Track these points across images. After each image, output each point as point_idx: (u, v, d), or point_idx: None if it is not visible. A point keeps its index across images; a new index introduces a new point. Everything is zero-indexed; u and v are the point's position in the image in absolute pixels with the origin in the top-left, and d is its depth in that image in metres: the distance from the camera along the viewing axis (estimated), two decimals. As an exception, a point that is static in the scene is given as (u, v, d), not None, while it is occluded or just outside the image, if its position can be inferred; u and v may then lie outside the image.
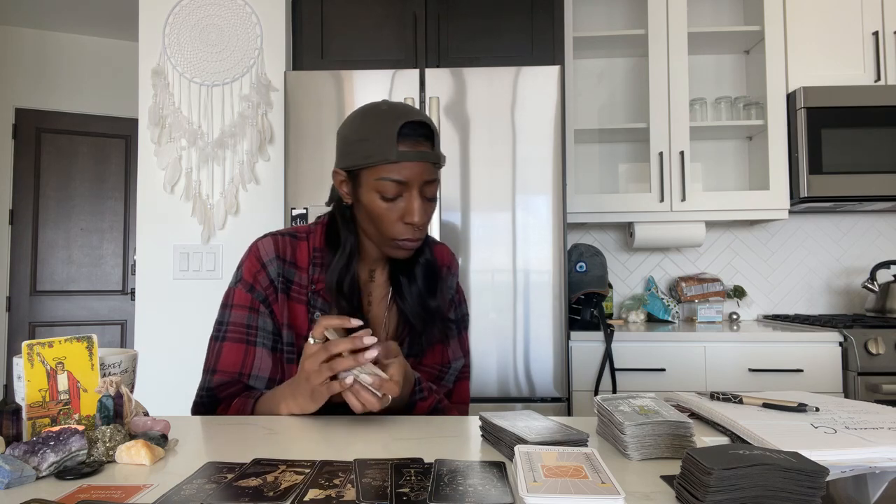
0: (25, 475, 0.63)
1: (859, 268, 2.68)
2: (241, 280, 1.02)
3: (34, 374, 0.75)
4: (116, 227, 3.89)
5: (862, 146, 2.27)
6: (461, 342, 1.15)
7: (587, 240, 2.74)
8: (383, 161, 0.91)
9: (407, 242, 0.96)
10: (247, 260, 1.03)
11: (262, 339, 1.00)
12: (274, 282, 1.02)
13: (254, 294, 1.01)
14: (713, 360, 2.08)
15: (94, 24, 3.70)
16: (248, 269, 1.02)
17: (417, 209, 0.93)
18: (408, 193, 0.93)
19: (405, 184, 0.92)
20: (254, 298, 1.01)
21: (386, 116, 0.93)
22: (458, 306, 1.16)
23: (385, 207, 0.94)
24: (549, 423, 0.77)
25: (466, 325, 1.18)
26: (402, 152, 0.91)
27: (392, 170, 0.91)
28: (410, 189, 0.93)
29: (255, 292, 1.01)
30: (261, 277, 1.01)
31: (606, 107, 2.74)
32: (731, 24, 2.72)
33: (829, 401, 0.84)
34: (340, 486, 0.60)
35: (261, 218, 2.26)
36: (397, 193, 0.93)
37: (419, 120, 0.93)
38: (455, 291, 1.16)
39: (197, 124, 2.25)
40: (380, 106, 0.95)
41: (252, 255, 1.03)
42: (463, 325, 1.16)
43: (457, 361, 1.12)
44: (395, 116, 0.92)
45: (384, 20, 2.21)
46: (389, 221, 0.95)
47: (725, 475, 0.52)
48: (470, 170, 1.98)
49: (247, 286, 1.01)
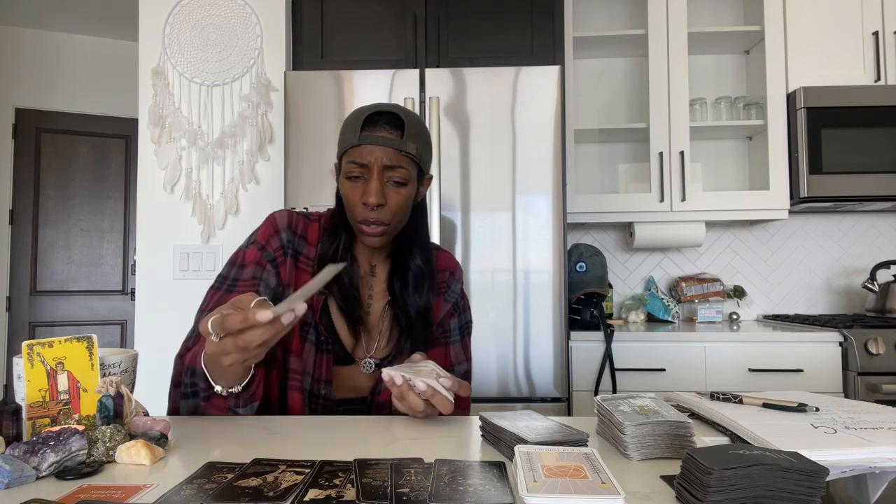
0: (25, 475, 0.63)
1: (859, 268, 2.68)
2: (254, 242, 1.06)
3: (34, 374, 0.75)
4: (116, 227, 3.89)
5: (862, 146, 2.27)
6: (464, 347, 1.16)
7: (587, 240, 2.74)
8: (349, 145, 0.99)
9: (365, 226, 1.00)
10: (263, 227, 1.08)
11: (264, 292, 1.02)
12: (284, 247, 1.06)
13: (263, 253, 1.05)
14: (713, 360, 2.08)
15: (94, 24, 3.70)
16: (262, 234, 1.07)
17: (373, 189, 0.97)
18: (368, 174, 0.98)
19: (365, 166, 0.98)
20: (262, 257, 1.04)
21: (362, 110, 1.00)
22: (463, 312, 1.17)
23: (350, 187, 1.00)
24: (549, 423, 0.77)
25: (469, 332, 1.19)
26: (364, 136, 0.97)
27: (355, 153, 0.98)
28: (370, 171, 0.98)
29: (264, 252, 1.05)
30: (273, 241, 1.06)
31: (606, 107, 2.74)
32: (731, 24, 2.72)
33: (829, 401, 0.84)
34: (340, 486, 0.60)
35: (261, 218, 2.26)
36: (360, 174, 0.99)
37: (387, 111, 0.99)
38: (459, 297, 1.17)
39: (197, 124, 2.25)
40: (366, 105, 1.03)
41: (268, 222, 1.08)
42: (466, 330, 1.18)
43: (459, 365, 1.14)
44: (368, 108, 1.00)
45: (384, 20, 2.21)
46: (353, 203, 1.00)
47: (725, 475, 0.52)
48: (470, 170, 1.98)
49: (258, 246, 1.05)
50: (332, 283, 1.03)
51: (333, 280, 1.02)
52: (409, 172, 1.00)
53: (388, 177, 0.99)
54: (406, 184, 1.00)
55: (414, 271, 1.07)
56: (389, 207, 0.99)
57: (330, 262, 1.03)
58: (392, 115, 0.99)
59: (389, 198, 0.99)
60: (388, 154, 0.97)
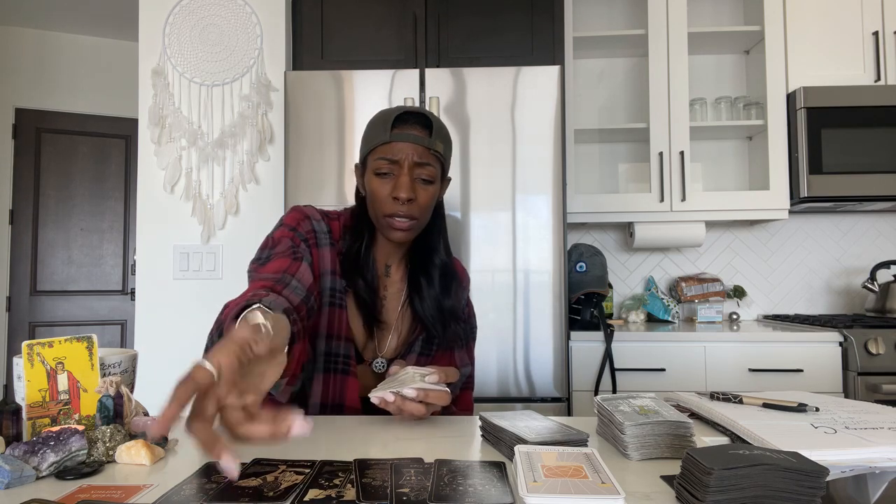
0: (25, 475, 0.63)
1: (859, 268, 2.68)
2: (283, 224, 1.05)
3: (34, 374, 0.75)
4: (116, 227, 3.89)
5: (862, 146, 2.27)
6: (468, 351, 1.18)
7: (587, 240, 2.74)
8: (379, 143, 1.01)
9: (395, 220, 1.00)
10: (289, 214, 1.07)
11: (306, 259, 0.99)
12: (316, 231, 1.06)
13: (295, 233, 1.03)
14: (713, 360, 2.08)
15: (94, 24, 3.70)
16: (291, 218, 1.06)
17: (404, 184, 0.99)
18: (399, 170, 1.00)
19: (396, 162, 1.00)
20: (295, 236, 1.03)
21: (389, 111, 1.03)
22: (468, 320, 1.19)
23: (379, 183, 1.01)
24: (549, 423, 0.77)
25: (475, 337, 1.21)
26: (395, 134, 1.00)
27: (385, 150, 1.00)
28: (401, 167, 1.00)
29: (297, 232, 1.03)
30: (304, 224, 1.05)
31: (606, 107, 2.74)
32: (731, 24, 2.71)
33: (829, 401, 0.84)
34: (340, 486, 0.60)
35: (261, 218, 2.26)
36: (389, 171, 1.01)
37: (416, 111, 1.03)
38: (466, 305, 1.18)
39: (197, 124, 2.25)
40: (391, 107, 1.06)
41: (295, 211, 1.07)
42: (471, 336, 1.19)
43: (464, 368, 1.15)
44: (396, 109, 1.03)
45: (384, 20, 2.21)
46: (382, 198, 1.01)
47: (725, 475, 0.52)
48: (470, 170, 1.98)
49: (289, 228, 1.04)
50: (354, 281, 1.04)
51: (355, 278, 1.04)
52: (436, 171, 1.03)
53: (417, 174, 1.01)
54: (433, 182, 1.03)
55: (441, 267, 1.09)
56: (418, 203, 1.01)
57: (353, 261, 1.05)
58: (421, 116, 1.02)
59: (418, 194, 1.01)
60: (419, 151, 1.00)
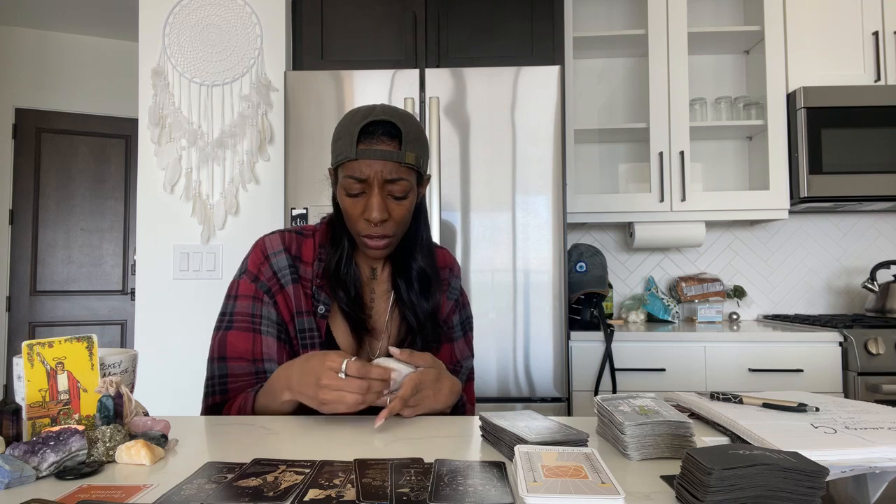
0: (25, 475, 0.63)
1: (859, 268, 2.68)
2: (245, 272, 1.04)
3: (34, 374, 0.75)
4: (116, 227, 3.89)
5: (862, 146, 2.27)
6: (468, 342, 1.17)
7: (587, 240, 2.74)
8: (346, 159, 0.94)
9: (369, 240, 0.98)
10: (252, 253, 1.05)
11: (267, 328, 1.01)
12: (277, 274, 1.03)
13: (257, 284, 1.02)
14: (713, 360, 2.08)
15: (94, 24, 3.70)
16: (252, 262, 1.04)
17: (375, 206, 0.94)
18: (369, 190, 0.95)
19: (365, 181, 0.94)
20: (258, 288, 1.02)
21: (356, 116, 0.95)
22: (463, 308, 1.18)
23: (350, 203, 0.97)
24: (549, 423, 0.77)
25: (471, 326, 1.20)
26: (361, 150, 0.93)
27: (353, 167, 0.94)
28: (371, 186, 0.94)
29: (258, 283, 1.02)
30: (264, 269, 1.03)
31: (606, 107, 2.74)
32: (731, 24, 2.71)
33: (829, 401, 0.84)
34: (340, 486, 0.60)
35: (261, 218, 2.26)
36: (360, 190, 0.95)
37: (384, 119, 0.94)
38: (459, 293, 1.18)
39: (197, 124, 2.25)
40: (362, 107, 0.98)
41: (257, 249, 1.05)
42: (468, 326, 1.19)
43: (466, 361, 1.15)
44: (361, 116, 0.94)
45: (384, 20, 2.21)
46: (354, 217, 0.97)
47: (725, 475, 0.52)
48: (470, 170, 1.98)
49: (251, 276, 1.03)
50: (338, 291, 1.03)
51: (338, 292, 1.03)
52: (410, 183, 0.97)
53: (389, 191, 0.95)
54: (407, 196, 0.97)
55: (417, 272, 1.06)
56: (393, 220, 0.97)
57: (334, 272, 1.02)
58: (388, 125, 0.94)
59: (392, 211, 0.96)
60: (388, 168, 0.93)
